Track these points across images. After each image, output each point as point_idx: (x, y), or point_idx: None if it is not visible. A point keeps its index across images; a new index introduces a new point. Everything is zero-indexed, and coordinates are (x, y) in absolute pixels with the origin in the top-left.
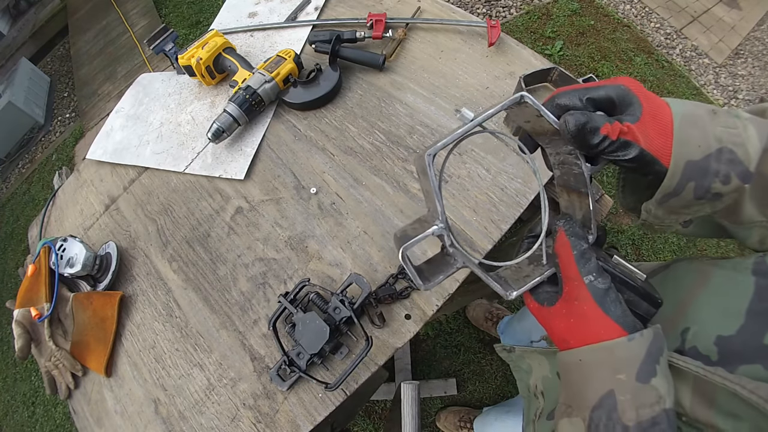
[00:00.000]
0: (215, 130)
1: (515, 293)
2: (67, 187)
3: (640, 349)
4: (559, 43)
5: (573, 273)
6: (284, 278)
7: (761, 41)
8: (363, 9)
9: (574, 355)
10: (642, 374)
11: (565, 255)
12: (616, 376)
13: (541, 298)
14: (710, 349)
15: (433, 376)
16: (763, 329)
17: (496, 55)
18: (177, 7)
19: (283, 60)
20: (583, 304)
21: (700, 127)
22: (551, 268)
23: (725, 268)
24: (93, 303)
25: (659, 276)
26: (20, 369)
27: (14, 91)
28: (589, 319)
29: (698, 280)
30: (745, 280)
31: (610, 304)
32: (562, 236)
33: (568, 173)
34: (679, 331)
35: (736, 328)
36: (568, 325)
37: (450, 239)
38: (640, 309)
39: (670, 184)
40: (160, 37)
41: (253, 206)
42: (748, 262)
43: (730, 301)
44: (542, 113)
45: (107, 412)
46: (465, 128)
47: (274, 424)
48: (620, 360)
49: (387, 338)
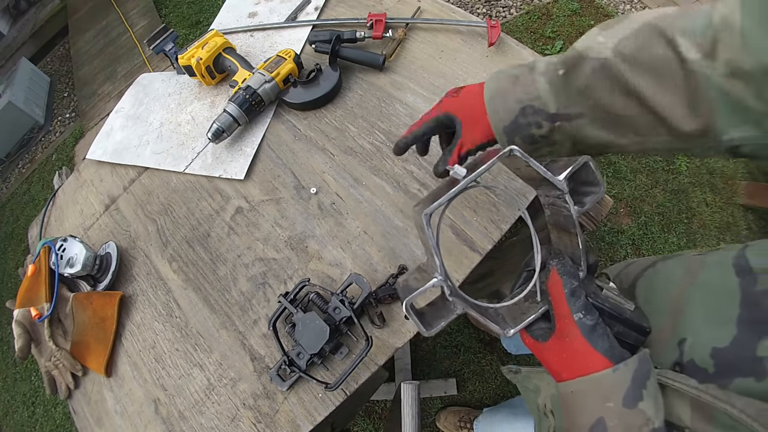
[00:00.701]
0: (215, 130)
1: (512, 331)
2: (67, 187)
3: (624, 378)
4: (559, 43)
5: (564, 311)
6: (284, 278)
7: None
8: (363, 9)
9: (567, 386)
10: (628, 400)
11: (556, 293)
12: (604, 404)
13: (536, 334)
14: (707, 362)
15: (433, 376)
16: (755, 339)
17: (496, 55)
18: (177, 7)
19: (283, 60)
20: (574, 340)
21: (503, 97)
22: (544, 305)
23: (710, 266)
24: (93, 303)
25: (646, 275)
26: (20, 369)
27: (14, 91)
28: (579, 353)
29: (686, 281)
30: (730, 282)
31: (597, 339)
32: (554, 275)
33: (557, 214)
34: (676, 341)
35: (729, 340)
36: (561, 359)
37: (450, 289)
38: (630, 339)
39: (503, 144)
40: (160, 37)
41: (253, 206)
42: (730, 255)
43: (719, 308)
44: (530, 164)
45: (107, 412)
46: (459, 186)
47: (274, 424)
48: (607, 389)
49: (387, 338)
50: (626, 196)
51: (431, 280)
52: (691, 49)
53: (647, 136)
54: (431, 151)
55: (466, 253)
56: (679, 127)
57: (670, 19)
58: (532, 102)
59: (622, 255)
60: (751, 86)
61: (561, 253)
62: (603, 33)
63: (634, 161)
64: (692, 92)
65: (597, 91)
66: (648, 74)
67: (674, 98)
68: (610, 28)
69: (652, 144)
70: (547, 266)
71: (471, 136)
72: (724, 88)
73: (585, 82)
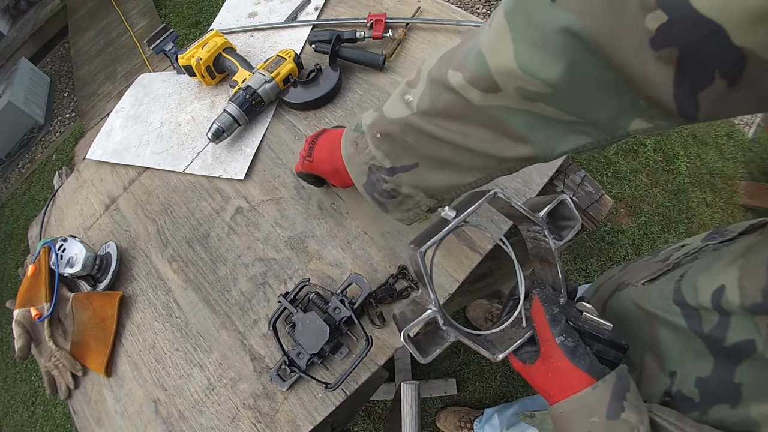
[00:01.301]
0: (215, 130)
1: (501, 356)
2: (67, 187)
3: (605, 393)
4: None
5: (547, 335)
6: (284, 278)
7: None
8: (363, 9)
9: (556, 408)
10: (611, 412)
11: (539, 319)
12: (590, 419)
13: (523, 358)
14: (692, 392)
15: (433, 376)
16: (732, 366)
17: None
18: (177, 7)
19: (283, 60)
20: (557, 361)
21: (355, 162)
22: (530, 330)
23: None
24: (93, 303)
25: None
26: (20, 369)
27: (14, 91)
28: (563, 372)
29: (645, 317)
30: (682, 325)
31: (579, 358)
32: (537, 303)
33: (538, 246)
34: (667, 372)
35: (710, 368)
36: (548, 379)
37: (443, 319)
38: (609, 356)
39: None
40: (160, 37)
41: (253, 206)
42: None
43: (691, 342)
44: (512, 204)
45: (107, 412)
46: (450, 227)
47: (274, 424)
48: (590, 406)
49: (387, 338)
50: (626, 196)
51: (426, 311)
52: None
53: (488, 170)
54: None
55: (466, 253)
56: (509, 156)
57: (444, 62)
58: (372, 162)
59: (622, 255)
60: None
61: (543, 282)
62: (409, 91)
63: (634, 161)
64: (498, 124)
65: (416, 145)
66: (451, 122)
67: (486, 135)
68: (413, 86)
69: (499, 173)
70: (530, 295)
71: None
72: (528, 111)
73: (402, 139)
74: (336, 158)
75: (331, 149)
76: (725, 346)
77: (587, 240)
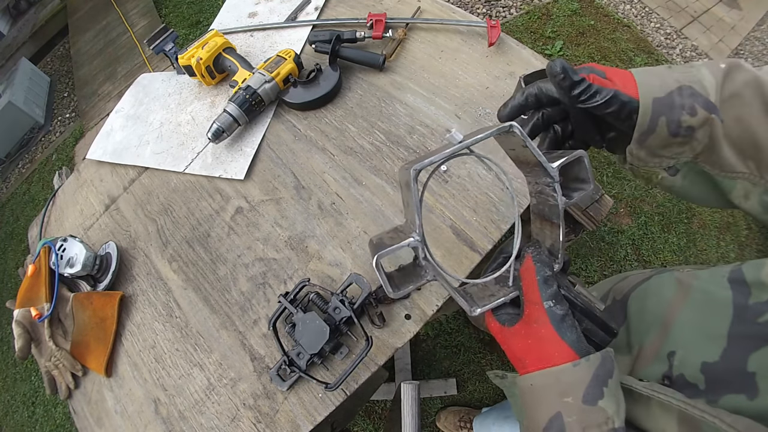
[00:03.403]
0: (215, 130)
1: (479, 310)
2: (67, 187)
3: (585, 374)
4: (559, 43)
5: (535, 297)
6: (284, 278)
7: (761, 41)
8: (363, 9)
9: (527, 380)
10: (588, 397)
11: (528, 279)
12: (562, 399)
13: (502, 319)
14: (697, 377)
15: (433, 376)
16: (746, 354)
17: (496, 55)
18: (177, 7)
19: (283, 60)
20: (541, 327)
21: (658, 75)
22: (515, 290)
23: (703, 279)
24: (93, 303)
25: (640, 290)
26: (20, 369)
27: (14, 91)
28: (545, 341)
29: (678, 294)
30: (722, 296)
31: (566, 330)
32: (529, 261)
33: (543, 203)
34: (665, 353)
35: (719, 353)
36: (526, 345)
37: (424, 252)
38: (597, 337)
39: (644, 121)
40: (160, 37)
41: (253, 206)
42: (725, 270)
43: (710, 321)
44: (527, 144)
45: (107, 412)
46: (453, 149)
47: (274, 424)
48: (566, 384)
49: (387, 338)
50: (626, 196)
51: (407, 239)
52: None
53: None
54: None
55: (466, 253)
56: None
57: None
58: (692, 84)
59: (622, 255)
60: None
61: (539, 243)
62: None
63: None
64: None
65: (744, 105)
66: None
67: None
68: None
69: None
70: (523, 253)
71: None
72: None
73: (735, 90)
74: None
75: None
76: (757, 323)
77: (587, 240)
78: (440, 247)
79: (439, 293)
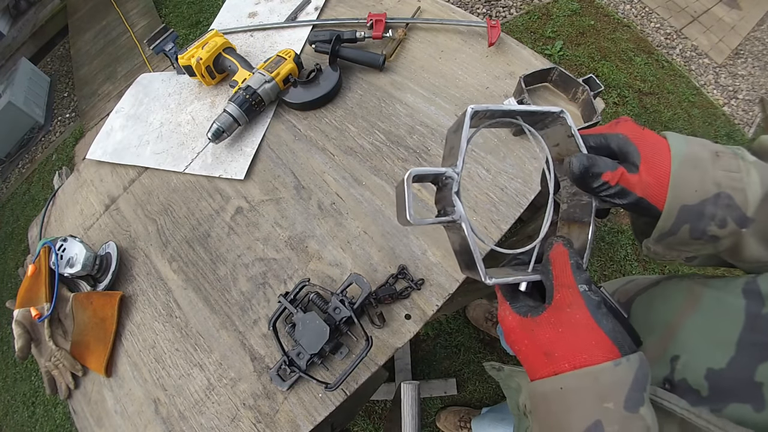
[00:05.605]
0: (215, 130)
1: (494, 280)
2: (67, 187)
3: (627, 375)
4: (559, 43)
5: (569, 280)
6: (284, 278)
7: (761, 41)
8: (363, 9)
9: (555, 382)
10: (630, 402)
11: (561, 262)
12: (603, 405)
13: (523, 311)
14: (701, 384)
15: (433, 376)
16: (754, 363)
17: (496, 55)
18: (177, 7)
19: (283, 60)
20: (576, 312)
21: (700, 170)
22: (536, 274)
23: (716, 288)
24: (93, 303)
25: (647, 293)
26: (20, 369)
27: (14, 91)
28: (580, 327)
29: (688, 301)
30: (735, 304)
31: (602, 317)
32: (560, 246)
33: (576, 205)
34: (668, 357)
35: (726, 361)
36: (556, 334)
37: (457, 186)
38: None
39: (665, 226)
40: (160, 37)
41: (253, 206)
42: (739, 281)
43: (720, 328)
44: (573, 134)
45: (107, 412)
46: (510, 107)
47: (274, 424)
48: (606, 386)
49: (387, 338)
50: None
51: (446, 169)
52: None
53: None
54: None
55: None
56: None
57: None
58: (733, 192)
59: (622, 255)
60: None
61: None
62: None
63: None
64: None
65: None
66: None
67: None
68: None
69: None
70: (550, 240)
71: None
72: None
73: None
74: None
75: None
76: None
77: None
78: (440, 247)
79: (439, 293)
